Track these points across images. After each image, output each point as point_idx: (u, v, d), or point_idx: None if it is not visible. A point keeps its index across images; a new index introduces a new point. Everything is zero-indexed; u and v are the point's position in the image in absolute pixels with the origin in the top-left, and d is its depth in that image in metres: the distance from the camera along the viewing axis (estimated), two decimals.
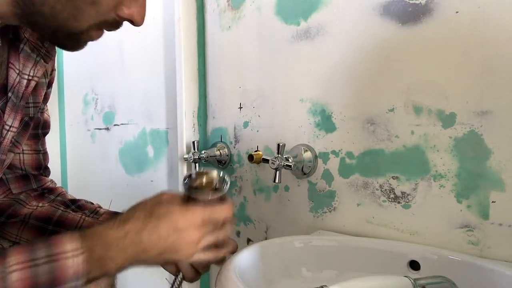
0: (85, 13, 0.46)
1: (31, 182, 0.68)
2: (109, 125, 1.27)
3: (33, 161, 0.68)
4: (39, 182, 0.70)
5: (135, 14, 0.49)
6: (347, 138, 0.73)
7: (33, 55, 0.56)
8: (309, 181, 0.79)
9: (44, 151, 0.71)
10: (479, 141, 0.59)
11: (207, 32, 0.98)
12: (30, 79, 0.57)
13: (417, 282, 0.42)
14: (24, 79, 0.56)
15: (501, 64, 0.56)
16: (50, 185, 0.72)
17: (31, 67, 0.56)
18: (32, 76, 0.57)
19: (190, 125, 0.98)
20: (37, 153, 0.69)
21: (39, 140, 0.69)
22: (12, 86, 0.54)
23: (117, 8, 0.47)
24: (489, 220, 0.58)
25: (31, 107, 0.62)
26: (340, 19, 0.73)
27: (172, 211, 0.48)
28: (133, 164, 1.20)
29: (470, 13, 0.58)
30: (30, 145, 0.68)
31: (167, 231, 0.46)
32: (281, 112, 0.83)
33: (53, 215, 0.65)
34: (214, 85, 0.97)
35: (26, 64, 0.56)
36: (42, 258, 0.41)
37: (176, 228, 0.47)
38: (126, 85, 1.20)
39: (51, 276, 0.41)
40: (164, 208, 0.48)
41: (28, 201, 0.66)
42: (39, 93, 0.63)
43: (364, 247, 0.63)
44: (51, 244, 0.43)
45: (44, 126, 0.69)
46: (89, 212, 0.67)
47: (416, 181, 0.65)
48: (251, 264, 0.57)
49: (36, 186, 0.69)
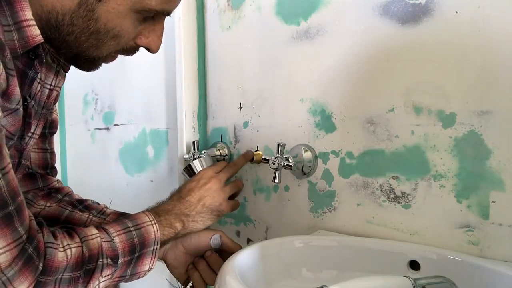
0: (107, 44, 0.50)
1: (37, 181, 0.69)
2: (109, 125, 1.27)
3: (40, 159, 0.69)
4: (46, 181, 0.71)
5: (152, 43, 0.54)
6: (347, 138, 0.73)
7: (53, 65, 0.57)
8: (309, 181, 0.79)
9: (51, 150, 0.72)
10: (479, 141, 0.59)
11: (207, 32, 0.98)
12: (52, 89, 0.59)
13: (417, 282, 0.42)
14: (46, 89, 0.57)
15: (501, 64, 0.56)
16: (57, 184, 0.73)
17: (52, 77, 0.58)
18: (54, 86, 0.59)
19: (190, 125, 0.98)
20: (44, 152, 0.70)
21: (46, 139, 0.70)
22: (34, 94, 0.54)
23: (136, 38, 0.52)
24: (489, 220, 0.58)
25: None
26: (340, 19, 0.73)
27: (197, 179, 0.71)
28: (133, 164, 1.20)
29: (470, 13, 0.58)
30: (37, 144, 0.68)
31: (195, 185, 0.69)
32: (281, 112, 0.83)
33: (61, 215, 0.67)
34: (214, 85, 0.97)
35: (48, 75, 0.57)
36: (132, 227, 0.57)
37: (200, 184, 0.69)
38: (126, 85, 1.20)
39: (140, 237, 0.56)
40: (206, 183, 0.70)
41: (36, 201, 0.67)
42: (53, 94, 0.64)
43: (364, 247, 0.63)
44: (134, 219, 0.58)
45: (52, 126, 0.70)
46: (96, 212, 0.70)
47: (416, 181, 0.65)
48: (251, 264, 0.57)
49: (42, 185, 0.70)
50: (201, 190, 0.68)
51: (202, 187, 0.69)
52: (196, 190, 0.68)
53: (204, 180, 0.70)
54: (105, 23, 0.47)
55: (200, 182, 0.69)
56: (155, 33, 0.53)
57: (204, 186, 0.69)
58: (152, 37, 0.53)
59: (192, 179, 0.72)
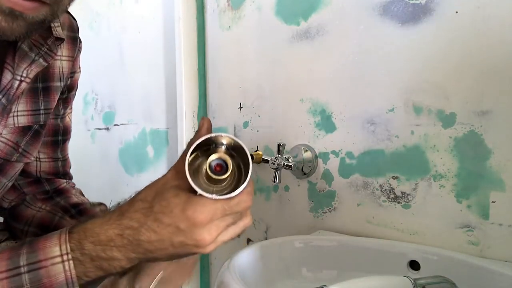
0: None
1: (43, 185, 0.65)
2: (109, 125, 1.27)
3: (50, 168, 0.65)
4: (53, 184, 0.66)
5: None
6: (347, 138, 0.73)
7: (31, 54, 0.50)
8: (309, 181, 0.79)
9: (63, 158, 0.66)
10: (479, 141, 0.58)
11: (207, 32, 0.98)
12: (22, 80, 0.50)
13: (417, 282, 0.42)
14: (16, 80, 0.50)
15: (501, 64, 0.56)
16: (63, 185, 0.67)
17: (25, 67, 0.50)
18: (25, 77, 0.50)
19: (190, 125, 0.98)
20: (55, 161, 0.65)
21: (58, 147, 0.65)
22: (4, 87, 0.49)
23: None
24: (489, 220, 0.58)
25: (42, 114, 0.57)
26: (340, 19, 0.73)
27: (175, 205, 0.37)
28: (133, 164, 1.20)
29: (470, 13, 0.58)
30: (47, 153, 0.63)
31: (168, 232, 0.37)
32: (281, 112, 0.83)
33: (51, 223, 0.61)
34: (214, 85, 0.97)
35: (20, 64, 0.50)
36: (25, 266, 0.36)
37: (178, 228, 0.37)
38: (126, 85, 1.20)
39: (36, 285, 0.36)
40: (166, 200, 0.38)
41: (33, 202, 0.64)
42: (51, 98, 0.58)
43: (364, 247, 0.63)
44: (36, 249, 0.37)
45: (65, 133, 0.65)
46: (87, 218, 0.59)
47: (416, 181, 0.65)
48: (251, 264, 0.57)
49: (49, 188, 0.66)
50: (179, 237, 0.39)
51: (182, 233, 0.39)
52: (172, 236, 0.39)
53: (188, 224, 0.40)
54: None
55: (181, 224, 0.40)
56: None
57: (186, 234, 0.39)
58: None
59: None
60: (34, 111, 0.55)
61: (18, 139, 0.54)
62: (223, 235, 0.39)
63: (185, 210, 0.36)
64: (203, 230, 0.37)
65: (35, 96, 0.55)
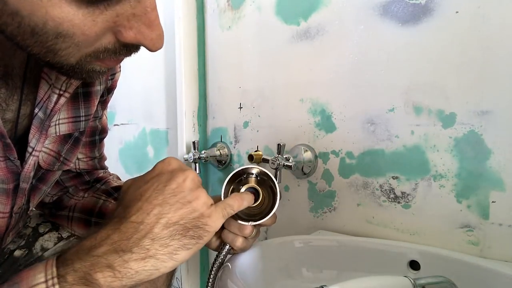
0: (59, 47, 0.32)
1: (84, 177, 0.66)
2: (109, 125, 1.27)
3: (88, 166, 0.65)
4: (92, 174, 0.67)
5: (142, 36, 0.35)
6: (347, 138, 0.73)
7: None
8: (309, 181, 0.79)
9: (100, 156, 0.67)
10: (479, 141, 0.59)
11: (207, 32, 0.98)
12: (61, 94, 0.46)
13: (417, 282, 0.42)
14: (55, 94, 0.45)
15: (501, 64, 0.56)
16: (101, 174, 0.68)
17: (64, 79, 0.45)
18: (64, 90, 0.46)
19: (190, 125, 0.98)
20: (92, 160, 0.65)
21: (96, 147, 0.64)
22: (41, 99, 0.44)
23: (117, 33, 0.34)
24: (489, 220, 0.58)
25: (83, 121, 0.54)
26: (340, 19, 0.73)
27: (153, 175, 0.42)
28: (133, 164, 1.20)
29: (470, 13, 0.58)
30: (85, 154, 0.63)
31: (149, 187, 0.39)
32: (281, 112, 0.83)
33: (95, 206, 0.61)
34: (214, 85, 0.97)
35: (60, 76, 0.45)
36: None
37: (160, 182, 0.40)
38: (126, 85, 1.20)
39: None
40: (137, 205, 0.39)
41: (75, 193, 0.65)
42: (91, 103, 0.54)
43: (364, 247, 0.63)
44: (17, 282, 0.34)
45: (102, 132, 0.65)
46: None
47: (416, 181, 0.65)
48: (251, 264, 0.57)
49: (89, 179, 0.66)
50: (162, 194, 0.40)
51: (162, 188, 0.40)
52: (153, 197, 0.40)
53: (167, 175, 0.42)
54: (28, 17, 0.29)
55: (160, 180, 0.42)
56: (140, 19, 0.33)
57: (168, 185, 0.40)
58: (138, 26, 0.33)
59: (145, 175, 0.45)
60: (75, 118, 0.53)
61: (59, 148, 0.52)
62: None
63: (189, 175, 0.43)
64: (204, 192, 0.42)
65: (76, 102, 0.52)
